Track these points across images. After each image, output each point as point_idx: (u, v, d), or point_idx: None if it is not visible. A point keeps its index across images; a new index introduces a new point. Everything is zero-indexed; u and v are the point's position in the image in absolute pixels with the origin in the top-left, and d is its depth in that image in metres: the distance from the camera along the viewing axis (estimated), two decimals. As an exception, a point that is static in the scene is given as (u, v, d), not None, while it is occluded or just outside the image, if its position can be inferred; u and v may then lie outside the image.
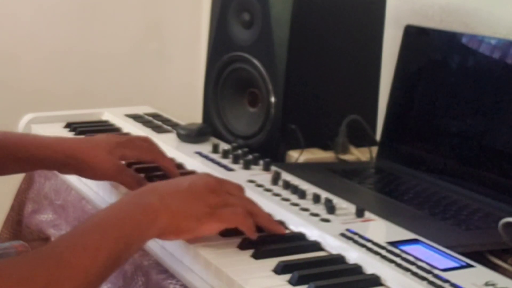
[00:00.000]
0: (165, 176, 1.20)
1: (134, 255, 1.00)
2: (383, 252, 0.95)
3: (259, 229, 1.00)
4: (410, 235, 1.01)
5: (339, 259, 0.95)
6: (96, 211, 0.97)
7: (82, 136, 1.26)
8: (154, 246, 1.04)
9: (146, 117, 1.62)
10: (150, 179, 1.20)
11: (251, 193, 1.13)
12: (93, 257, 0.84)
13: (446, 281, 0.88)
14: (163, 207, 0.92)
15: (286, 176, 1.22)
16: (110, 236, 0.87)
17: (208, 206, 0.95)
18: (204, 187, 0.97)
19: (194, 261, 0.96)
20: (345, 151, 1.46)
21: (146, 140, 1.23)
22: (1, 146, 1.17)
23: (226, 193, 0.99)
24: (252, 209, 1.00)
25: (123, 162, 1.20)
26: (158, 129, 1.52)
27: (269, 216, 1.03)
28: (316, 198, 1.12)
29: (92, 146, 1.17)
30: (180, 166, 1.30)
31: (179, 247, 0.99)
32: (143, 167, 1.23)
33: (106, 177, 1.18)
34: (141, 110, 1.68)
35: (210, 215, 0.95)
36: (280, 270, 0.90)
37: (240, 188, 1.04)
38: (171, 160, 1.25)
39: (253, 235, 0.97)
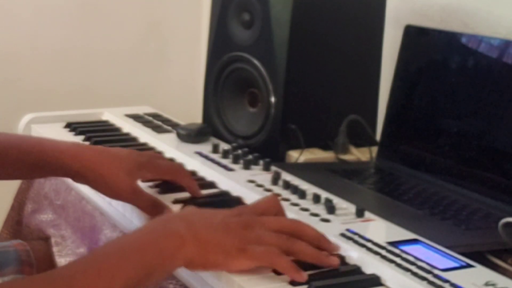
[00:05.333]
0: None
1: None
2: (383, 252, 0.95)
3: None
4: (410, 235, 1.01)
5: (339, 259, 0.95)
6: (119, 236, 0.92)
7: (101, 146, 1.18)
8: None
9: (146, 117, 1.62)
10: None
11: (251, 193, 1.13)
12: (108, 283, 0.79)
13: (446, 281, 0.88)
14: (190, 235, 0.86)
15: (286, 176, 1.22)
16: (129, 262, 0.82)
17: (240, 241, 0.88)
18: (238, 222, 0.90)
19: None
20: (345, 151, 1.46)
21: (160, 158, 1.17)
22: (17, 149, 1.12)
23: (262, 230, 0.90)
24: (291, 248, 0.90)
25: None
26: (158, 129, 1.52)
27: (315, 251, 0.92)
28: (316, 198, 1.12)
29: (113, 162, 1.10)
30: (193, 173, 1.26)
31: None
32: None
33: (120, 198, 1.11)
34: (141, 110, 1.68)
35: (240, 251, 0.87)
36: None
37: (281, 224, 0.93)
38: (193, 179, 1.17)
39: (296, 276, 0.87)
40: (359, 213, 1.08)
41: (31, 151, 1.12)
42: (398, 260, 0.92)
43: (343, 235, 1.00)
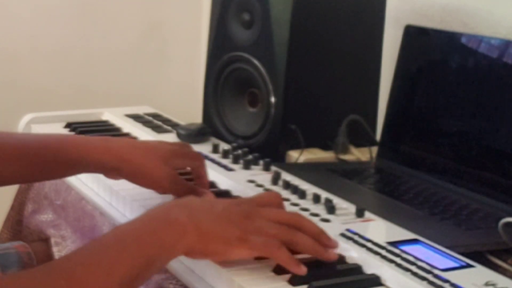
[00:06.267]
0: None
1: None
2: (383, 252, 0.95)
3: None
4: (410, 235, 1.01)
5: (339, 259, 0.95)
6: (118, 225, 0.90)
7: (128, 138, 1.16)
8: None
9: (146, 117, 1.62)
10: None
11: (251, 193, 1.13)
12: (107, 274, 0.79)
13: (446, 281, 0.88)
14: (191, 224, 0.86)
15: (286, 176, 1.22)
16: (129, 253, 0.82)
17: (241, 231, 0.88)
18: (239, 212, 0.90)
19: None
20: (345, 151, 1.46)
21: (188, 146, 1.17)
22: (45, 148, 1.09)
23: (262, 221, 0.90)
24: (291, 239, 0.89)
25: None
26: (158, 129, 1.52)
27: (314, 243, 0.91)
28: (316, 198, 1.12)
29: (148, 152, 1.09)
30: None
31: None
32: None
33: (160, 187, 1.10)
34: (141, 110, 1.68)
35: (241, 241, 0.87)
36: (280, 269, 0.90)
37: (282, 216, 0.93)
38: (207, 174, 1.16)
39: (296, 269, 0.87)
40: (359, 213, 1.08)
41: (66, 150, 1.09)
42: (398, 260, 0.92)
43: (343, 235, 1.00)
